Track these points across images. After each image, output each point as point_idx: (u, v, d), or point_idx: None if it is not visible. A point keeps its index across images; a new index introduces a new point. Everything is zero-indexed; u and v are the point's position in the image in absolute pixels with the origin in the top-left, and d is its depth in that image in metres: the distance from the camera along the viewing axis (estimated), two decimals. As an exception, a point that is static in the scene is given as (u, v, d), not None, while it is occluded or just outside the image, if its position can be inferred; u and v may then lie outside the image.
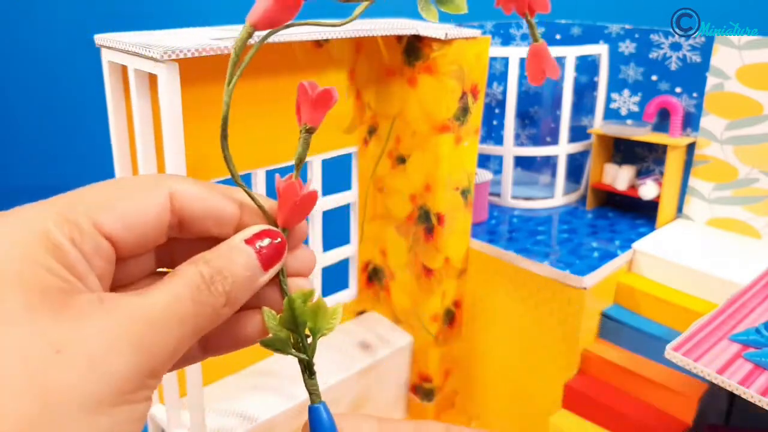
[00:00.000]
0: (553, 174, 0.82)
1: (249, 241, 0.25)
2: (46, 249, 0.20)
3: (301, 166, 0.26)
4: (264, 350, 0.58)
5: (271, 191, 0.54)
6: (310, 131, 0.27)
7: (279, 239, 0.25)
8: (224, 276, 0.24)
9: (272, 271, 0.25)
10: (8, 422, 0.17)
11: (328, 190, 0.60)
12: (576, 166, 0.85)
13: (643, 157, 0.78)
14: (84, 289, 0.21)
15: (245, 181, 0.50)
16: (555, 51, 0.76)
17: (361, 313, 0.69)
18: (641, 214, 0.78)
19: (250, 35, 0.25)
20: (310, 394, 0.25)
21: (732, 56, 0.66)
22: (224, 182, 0.48)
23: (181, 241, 0.26)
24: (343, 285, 0.68)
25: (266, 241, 0.25)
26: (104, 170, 0.69)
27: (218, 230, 0.25)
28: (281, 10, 0.25)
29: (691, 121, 0.72)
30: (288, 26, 0.25)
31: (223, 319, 0.24)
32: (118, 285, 0.24)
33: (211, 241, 0.25)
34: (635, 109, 0.77)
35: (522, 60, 0.82)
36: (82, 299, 0.20)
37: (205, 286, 0.23)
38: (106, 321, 0.20)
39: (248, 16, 0.25)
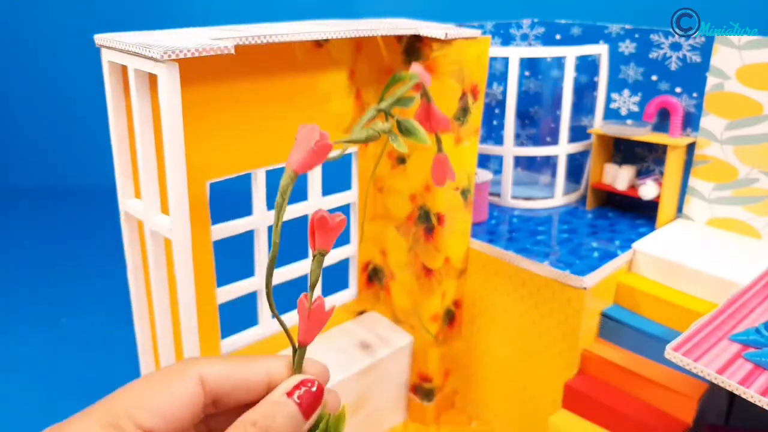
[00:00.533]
0: (553, 174, 0.82)
1: (290, 394, 0.27)
2: None
3: (315, 286, 0.28)
4: (262, 351, 0.58)
5: (271, 191, 0.54)
6: (323, 254, 0.29)
7: (315, 387, 0.27)
8: None
9: (313, 418, 0.27)
10: None
11: (328, 190, 0.60)
12: (576, 166, 0.85)
13: (643, 157, 0.78)
14: None
15: (245, 181, 0.51)
16: (555, 51, 0.76)
17: (361, 313, 0.69)
18: (641, 214, 0.78)
19: (293, 180, 0.29)
20: None
21: (732, 56, 0.66)
22: (224, 182, 0.48)
23: (220, 423, 0.27)
24: (344, 285, 0.68)
25: (303, 390, 0.27)
26: (105, 170, 0.69)
27: (250, 397, 0.27)
28: (316, 157, 0.28)
29: (691, 121, 0.72)
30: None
31: None
32: None
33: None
34: (635, 109, 0.77)
35: (522, 60, 0.82)
36: None
37: None
38: None
39: (289, 163, 0.28)
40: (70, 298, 1.08)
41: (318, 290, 0.36)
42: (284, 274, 0.58)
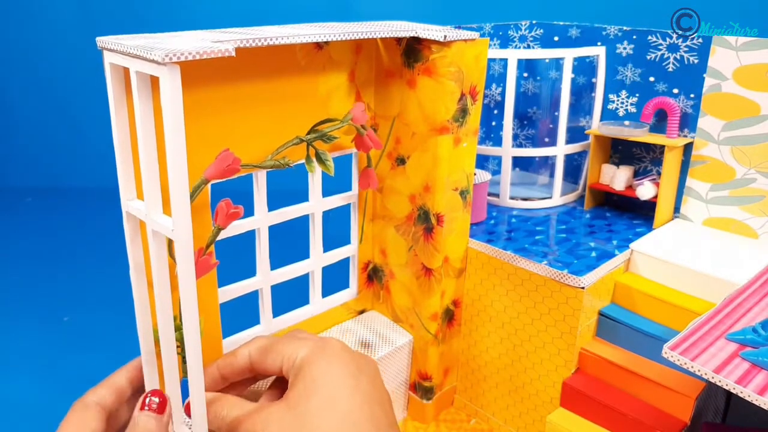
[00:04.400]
0: (551, 174, 0.83)
1: (141, 408, 0.40)
2: None
3: (210, 245, 0.46)
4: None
5: (271, 191, 0.55)
6: (220, 229, 0.45)
7: (158, 395, 0.41)
8: None
9: (167, 411, 0.40)
10: None
11: (328, 190, 0.60)
12: (574, 166, 0.86)
13: (641, 157, 0.78)
14: None
15: (246, 181, 0.51)
16: (553, 53, 0.77)
17: (361, 312, 0.70)
18: (639, 214, 0.78)
19: (204, 183, 0.45)
20: None
21: (729, 57, 0.67)
22: (226, 183, 0.48)
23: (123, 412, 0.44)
24: (344, 284, 0.68)
25: (156, 399, 0.41)
26: (106, 171, 0.69)
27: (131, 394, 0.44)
28: (225, 173, 0.44)
29: (688, 122, 0.72)
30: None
31: None
32: None
33: None
34: (633, 110, 0.78)
35: (520, 61, 0.83)
36: None
37: None
38: None
39: (204, 173, 0.44)
40: (72, 297, 1.09)
41: (212, 249, 0.47)
42: (285, 273, 0.59)
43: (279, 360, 0.43)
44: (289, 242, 0.70)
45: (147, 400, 0.40)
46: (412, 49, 0.56)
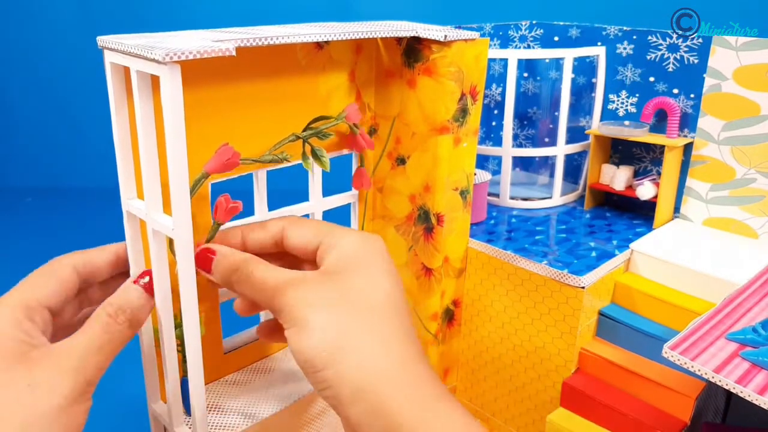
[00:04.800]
0: (552, 174, 0.83)
1: (135, 281, 0.40)
2: (14, 326, 0.35)
3: (209, 241, 0.44)
4: (263, 349, 0.59)
5: (271, 191, 0.55)
6: (219, 224, 0.44)
7: (149, 276, 0.40)
8: (123, 310, 0.38)
9: (155, 297, 0.40)
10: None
11: (328, 190, 0.60)
12: (574, 166, 0.86)
13: (641, 157, 0.78)
14: (38, 344, 0.35)
15: (246, 180, 0.52)
16: (553, 53, 0.77)
17: (360, 312, 0.70)
18: (639, 214, 0.78)
19: (204, 177, 0.45)
20: None
21: (729, 57, 0.67)
22: (226, 183, 0.49)
23: (94, 292, 0.43)
24: (343, 285, 0.68)
25: (147, 279, 0.40)
26: (107, 171, 0.69)
27: (109, 271, 0.43)
28: (224, 167, 0.44)
29: (688, 122, 0.72)
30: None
31: (131, 337, 0.39)
32: (61, 328, 0.40)
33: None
34: (633, 110, 0.78)
35: (521, 61, 0.83)
36: (38, 352, 0.35)
37: (111, 320, 0.37)
38: (55, 360, 0.35)
39: (205, 166, 0.44)
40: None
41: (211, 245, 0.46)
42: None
43: (311, 234, 0.40)
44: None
45: (143, 279, 0.40)
46: (413, 49, 0.56)
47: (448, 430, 0.33)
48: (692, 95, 0.71)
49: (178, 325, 0.43)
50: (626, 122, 0.77)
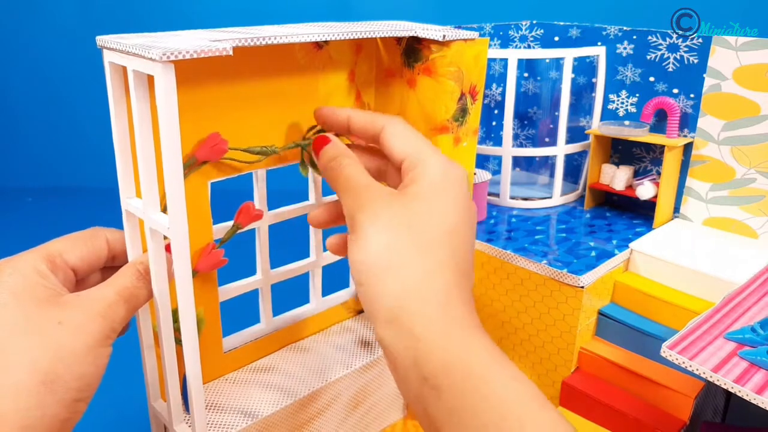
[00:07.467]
0: (552, 174, 0.83)
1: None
2: (39, 275, 0.36)
3: (226, 242, 0.48)
4: (263, 348, 0.59)
5: (271, 191, 0.55)
6: (239, 227, 0.48)
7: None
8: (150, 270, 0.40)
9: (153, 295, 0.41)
10: (37, 365, 0.33)
11: (328, 190, 0.60)
12: (574, 166, 0.86)
13: (641, 157, 0.78)
14: (65, 293, 0.37)
15: (247, 181, 0.52)
16: (554, 53, 0.77)
17: (361, 311, 0.70)
18: (638, 214, 0.78)
19: (193, 162, 0.45)
20: None
21: (729, 57, 0.67)
22: (226, 182, 0.49)
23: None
24: (344, 284, 0.68)
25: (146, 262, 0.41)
26: (105, 171, 0.69)
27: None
28: (212, 152, 0.45)
29: (688, 122, 0.72)
30: None
31: (150, 298, 0.40)
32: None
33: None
34: (633, 110, 0.78)
35: (521, 61, 0.83)
36: (66, 297, 0.36)
37: (141, 276, 0.39)
38: (84, 304, 0.36)
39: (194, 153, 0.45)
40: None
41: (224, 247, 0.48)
42: (285, 272, 0.59)
43: (400, 144, 0.41)
44: (289, 241, 0.70)
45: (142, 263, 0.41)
46: (412, 49, 0.57)
47: (475, 368, 0.34)
48: (692, 95, 0.71)
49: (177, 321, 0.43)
50: (626, 122, 0.77)
